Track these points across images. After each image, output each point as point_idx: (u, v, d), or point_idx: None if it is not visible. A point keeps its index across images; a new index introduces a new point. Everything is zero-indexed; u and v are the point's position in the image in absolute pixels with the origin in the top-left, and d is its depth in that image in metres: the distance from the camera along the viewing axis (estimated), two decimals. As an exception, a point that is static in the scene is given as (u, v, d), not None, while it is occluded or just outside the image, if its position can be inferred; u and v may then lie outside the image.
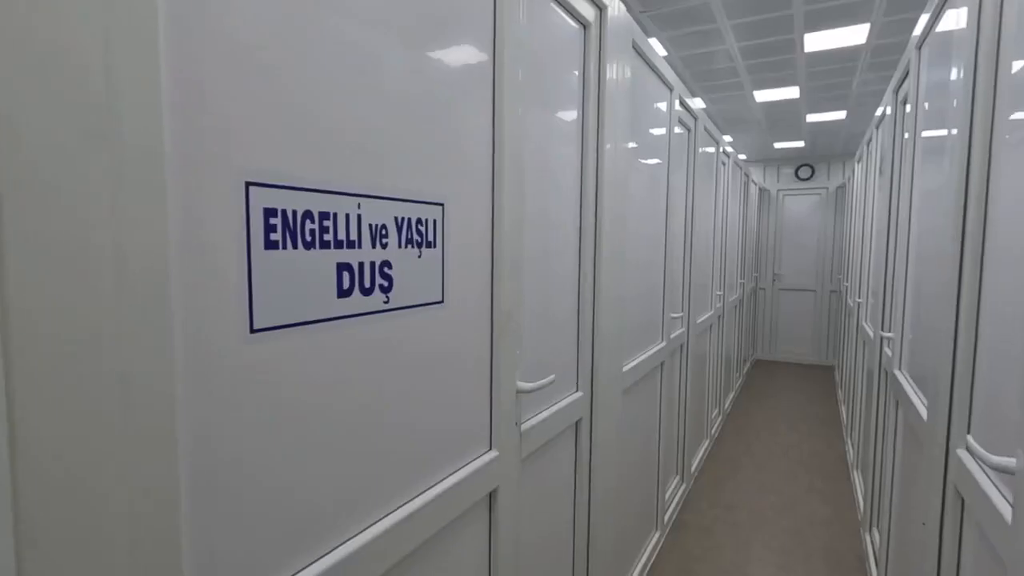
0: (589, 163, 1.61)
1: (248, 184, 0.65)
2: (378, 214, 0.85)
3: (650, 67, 2.19)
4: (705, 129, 3.30)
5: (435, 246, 0.97)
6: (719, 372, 4.38)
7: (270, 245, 0.68)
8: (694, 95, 3.86)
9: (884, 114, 3.07)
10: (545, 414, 1.44)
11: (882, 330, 2.41)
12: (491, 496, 1.19)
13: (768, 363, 7.19)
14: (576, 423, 1.65)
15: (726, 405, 4.87)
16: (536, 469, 1.43)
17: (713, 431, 4.21)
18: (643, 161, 2.22)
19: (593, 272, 1.67)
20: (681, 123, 2.79)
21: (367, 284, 0.83)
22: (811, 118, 5.09)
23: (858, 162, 4.64)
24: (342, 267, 0.79)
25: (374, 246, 0.84)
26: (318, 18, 0.73)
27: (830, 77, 3.82)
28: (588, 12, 1.56)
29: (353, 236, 0.80)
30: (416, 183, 0.92)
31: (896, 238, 2.49)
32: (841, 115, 4.95)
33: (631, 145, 1.94)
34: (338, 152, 0.77)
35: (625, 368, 2.01)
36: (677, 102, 2.61)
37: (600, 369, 1.72)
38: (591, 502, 1.73)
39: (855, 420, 3.74)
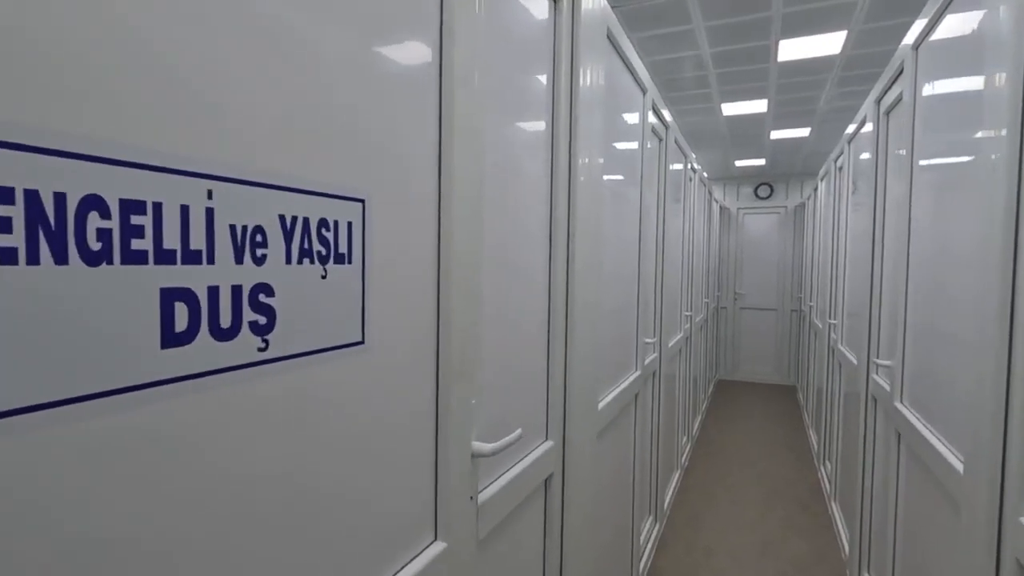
0: (561, 154, 1.33)
1: (-68, 135, 0.33)
2: (248, 209, 0.53)
3: (624, 62, 1.95)
4: (675, 141, 3.10)
5: (350, 261, 0.66)
6: (688, 396, 4.16)
7: (1, 258, 0.36)
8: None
9: (859, 129, 2.94)
10: (508, 476, 1.13)
11: (876, 357, 2.21)
12: (436, 604, 0.87)
13: (731, 383, 7.06)
14: (546, 481, 1.35)
15: (694, 430, 4.65)
16: (496, 551, 1.11)
17: (683, 460, 3.96)
18: (612, 162, 1.96)
19: (565, 293, 1.38)
20: (653, 132, 2.57)
21: (225, 322, 0.51)
22: (775, 135, 5.01)
23: (822, 180, 4.55)
24: (172, 295, 0.47)
25: (240, 260, 0.52)
26: None
27: (800, 90, 3.71)
28: (560, -18, 1.29)
29: (197, 244, 0.48)
30: (319, 166, 0.61)
31: (882, 259, 2.31)
32: (805, 132, 4.89)
33: (600, 159, 1.68)
34: (169, 101, 0.46)
35: (600, 405, 1.72)
36: (651, 111, 2.38)
37: (573, 410, 1.42)
38: (563, 571, 1.42)
39: (830, 448, 3.56)
